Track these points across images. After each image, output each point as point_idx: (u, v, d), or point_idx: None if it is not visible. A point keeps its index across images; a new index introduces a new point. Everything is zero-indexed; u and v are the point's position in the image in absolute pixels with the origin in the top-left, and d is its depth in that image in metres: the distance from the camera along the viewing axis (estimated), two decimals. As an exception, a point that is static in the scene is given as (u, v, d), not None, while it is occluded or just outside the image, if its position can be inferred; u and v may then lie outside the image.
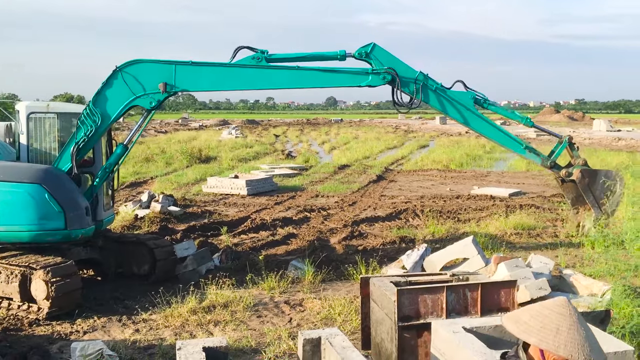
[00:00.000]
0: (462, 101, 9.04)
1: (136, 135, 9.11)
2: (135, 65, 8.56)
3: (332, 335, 4.48)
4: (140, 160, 27.28)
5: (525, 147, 9.14)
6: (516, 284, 5.80)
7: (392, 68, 8.70)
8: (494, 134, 9.18)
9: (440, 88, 8.95)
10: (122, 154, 8.94)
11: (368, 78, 8.74)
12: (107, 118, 8.63)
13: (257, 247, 11.38)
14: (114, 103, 8.62)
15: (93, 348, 6.25)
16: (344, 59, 8.99)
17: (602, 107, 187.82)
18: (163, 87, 8.48)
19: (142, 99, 8.60)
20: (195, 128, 64.77)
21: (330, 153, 35.28)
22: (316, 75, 8.81)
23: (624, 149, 35.73)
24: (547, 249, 11.22)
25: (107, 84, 8.58)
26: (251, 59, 8.67)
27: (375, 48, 8.77)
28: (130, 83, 8.53)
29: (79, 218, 8.40)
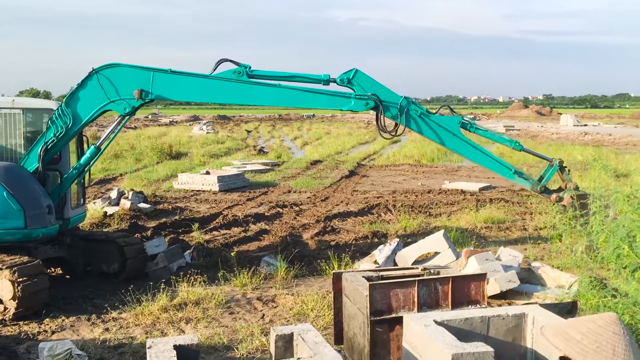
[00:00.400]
0: (448, 126, 8.81)
1: (109, 139, 8.93)
2: (112, 69, 8.37)
3: (305, 331, 4.47)
4: (109, 157, 26.84)
5: (514, 172, 8.95)
6: (486, 277, 5.88)
7: (375, 94, 8.54)
8: (483, 160, 9.02)
9: (425, 113, 8.74)
10: (93, 155, 8.77)
11: (351, 102, 8.57)
12: (79, 120, 8.43)
13: (229, 244, 11.31)
14: (87, 106, 8.42)
15: (61, 348, 6.14)
16: (328, 83, 8.81)
17: (569, 102, 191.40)
18: (138, 93, 8.27)
19: (116, 104, 8.40)
20: (165, 124, 64.03)
21: (303, 148, 35.27)
22: (298, 95, 8.63)
23: (590, 143, 36.48)
24: (517, 242, 11.40)
25: (82, 86, 8.39)
26: (232, 72, 8.48)
27: (357, 74, 8.62)
28: (105, 87, 8.33)
29: (39, 217, 8.22)
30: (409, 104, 8.64)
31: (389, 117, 8.61)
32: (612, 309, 5.32)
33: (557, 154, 27.96)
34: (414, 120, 8.65)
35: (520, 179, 8.94)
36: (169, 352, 4.00)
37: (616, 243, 5.10)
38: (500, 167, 8.96)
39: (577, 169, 21.53)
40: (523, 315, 4.73)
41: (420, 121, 8.66)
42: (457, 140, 8.80)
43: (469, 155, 8.97)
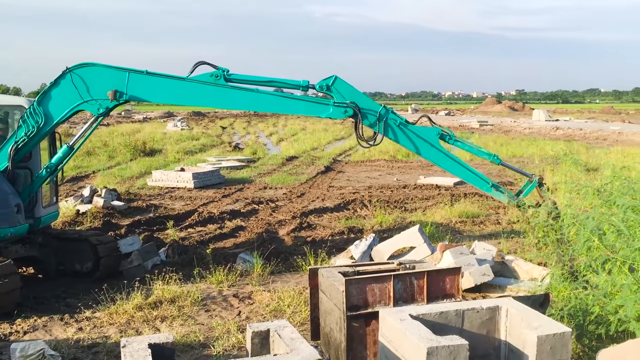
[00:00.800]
0: (426, 137, 8.72)
1: (82, 139, 8.77)
2: (86, 68, 8.20)
3: (281, 327, 4.47)
4: (82, 154, 26.40)
5: (491, 185, 8.80)
6: (460, 271, 5.94)
7: (354, 102, 8.44)
8: (461, 172, 8.91)
9: (403, 123, 8.66)
10: (66, 155, 8.61)
11: (329, 110, 8.46)
12: (51, 120, 8.26)
13: (204, 241, 11.25)
14: (60, 105, 8.25)
15: (34, 348, 6.04)
16: (307, 89, 8.74)
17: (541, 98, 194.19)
18: (112, 94, 8.10)
19: (90, 104, 8.23)
20: (139, 120, 63.31)
21: (278, 145, 35.20)
22: (276, 101, 8.55)
23: (562, 138, 37.10)
24: (490, 236, 11.55)
25: (55, 85, 8.21)
26: (209, 76, 8.34)
27: (337, 81, 8.52)
28: (79, 86, 8.15)
29: (7, 216, 8.08)
30: (388, 112, 8.58)
31: (366, 124, 8.53)
32: (583, 301, 5.43)
33: (529, 149, 28.40)
34: (392, 129, 8.59)
35: (497, 192, 8.80)
36: (143, 351, 3.97)
37: (586, 236, 5.19)
38: (478, 179, 8.86)
39: (549, 164, 21.89)
40: (497, 308, 4.80)
41: (398, 130, 8.60)
42: (434, 151, 8.72)
43: (446, 166, 8.85)
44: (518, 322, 4.59)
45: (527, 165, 22.10)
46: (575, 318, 5.42)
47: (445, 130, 8.82)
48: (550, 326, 4.38)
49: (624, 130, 40.98)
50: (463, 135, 40.90)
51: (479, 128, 48.48)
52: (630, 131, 39.48)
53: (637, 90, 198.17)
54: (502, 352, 4.79)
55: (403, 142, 8.69)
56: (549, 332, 4.28)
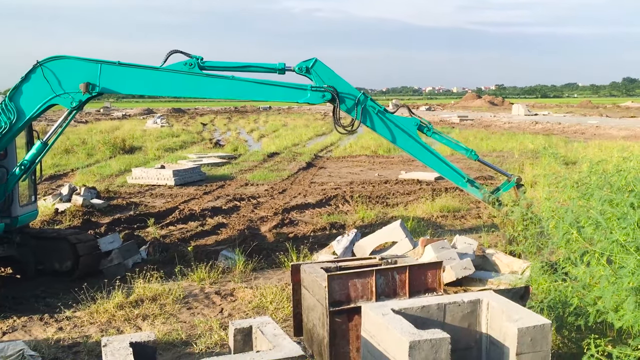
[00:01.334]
0: (405, 127, 8.63)
1: (56, 134, 8.62)
2: (57, 61, 8.06)
3: (263, 324, 4.46)
4: (60, 152, 26.12)
5: (467, 180, 8.80)
6: (442, 265, 5.98)
7: (333, 86, 8.39)
8: (437, 165, 8.85)
9: (382, 111, 8.61)
10: (40, 151, 8.46)
11: (307, 95, 8.39)
12: (23, 115, 8.11)
13: (185, 238, 11.18)
14: (31, 100, 8.10)
15: (13, 349, 5.97)
16: (283, 72, 8.61)
17: (520, 92, 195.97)
18: (85, 87, 7.98)
19: (62, 97, 8.09)
20: (118, 117, 62.68)
21: (259, 141, 35.10)
22: (253, 87, 8.40)
23: (541, 132, 37.50)
24: (471, 230, 11.64)
25: (26, 79, 8.06)
26: (183, 64, 8.25)
27: (317, 63, 8.46)
28: (50, 80, 8.01)
29: None
30: (367, 99, 8.54)
31: (344, 109, 8.50)
32: (563, 293, 5.49)
33: (509, 143, 28.64)
34: (369, 116, 8.56)
35: (472, 188, 8.79)
36: (125, 350, 3.93)
37: (565, 228, 5.25)
38: (454, 173, 8.82)
39: (529, 158, 22.11)
40: (478, 301, 4.84)
41: (376, 118, 8.57)
42: (412, 142, 8.68)
43: (422, 157, 8.82)
44: (499, 315, 4.63)
45: (507, 160, 22.30)
46: (554, 310, 5.48)
47: (423, 121, 8.79)
48: (530, 318, 4.43)
49: (601, 124, 41.54)
50: (444, 130, 41.14)
51: (460, 123, 48.81)
52: (607, 125, 40.03)
53: (614, 85, 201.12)
54: (483, 345, 4.84)
55: (380, 131, 8.64)
56: (529, 325, 4.32)
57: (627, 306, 4.48)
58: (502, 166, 20.52)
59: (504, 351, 4.48)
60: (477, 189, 8.81)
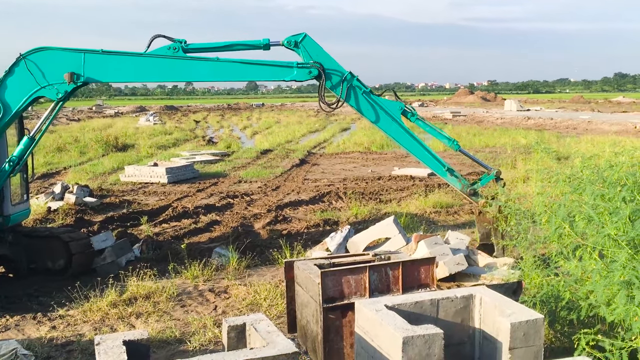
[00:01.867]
0: (389, 110, 8.58)
1: (44, 127, 8.53)
2: (40, 53, 8.00)
3: (257, 321, 4.46)
4: (52, 150, 26.01)
5: (447, 169, 8.71)
6: (435, 261, 5.99)
7: (320, 62, 8.31)
8: (418, 151, 8.73)
9: (367, 92, 8.55)
10: (28, 146, 8.40)
11: (293, 72, 8.30)
12: (9, 110, 8.05)
13: (179, 236, 11.16)
14: (17, 93, 8.03)
15: (6, 348, 5.93)
16: (268, 48, 8.52)
17: (512, 88, 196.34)
18: (69, 77, 7.91)
19: (47, 89, 8.03)
20: (110, 115, 62.44)
21: (253, 138, 35.05)
22: (238, 68, 8.32)
23: (533, 128, 37.63)
24: (465, 225, 11.67)
25: (10, 73, 7.99)
26: (167, 49, 8.19)
27: (306, 38, 8.36)
28: (34, 72, 7.95)
29: None
30: (353, 78, 8.45)
31: (328, 86, 8.37)
32: (555, 287, 5.52)
33: (501, 139, 28.73)
34: (355, 96, 8.45)
35: (452, 177, 8.71)
36: (118, 348, 3.92)
37: (557, 223, 5.27)
38: (434, 161, 8.73)
39: (521, 153, 22.18)
40: (471, 296, 4.85)
41: (361, 98, 8.49)
42: (395, 126, 8.61)
43: (404, 142, 8.72)
44: (492, 310, 4.65)
45: (500, 155, 22.36)
46: (547, 304, 5.51)
47: (408, 107, 8.75)
48: (523, 313, 4.45)
49: (593, 119, 41.71)
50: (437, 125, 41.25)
51: (452, 119, 48.90)
52: (599, 120, 40.20)
53: (605, 80, 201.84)
54: (476, 340, 4.86)
55: (365, 111, 8.57)
56: (522, 319, 4.35)
57: (619, 300, 4.50)
58: (495, 162, 20.58)
59: (497, 346, 4.50)
60: (456, 179, 8.74)
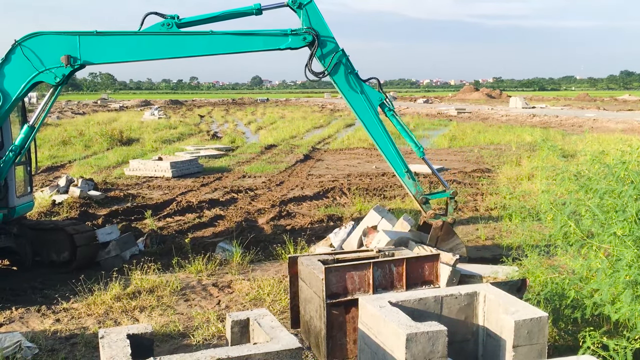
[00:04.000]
0: (370, 98, 8.55)
1: (43, 114, 8.51)
2: (35, 38, 8.01)
3: (261, 316, 4.46)
4: (57, 144, 26.07)
5: (406, 171, 8.68)
6: (439, 258, 5.99)
7: (314, 29, 8.21)
8: (385, 146, 8.71)
9: (355, 74, 8.48)
10: (28, 135, 8.40)
11: (288, 40, 8.19)
12: (9, 97, 8.07)
13: (183, 230, 11.18)
14: (15, 80, 8.05)
15: (10, 340, 5.97)
16: (260, 12, 8.43)
17: (518, 85, 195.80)
18: (66, 60, 7.92)
19: (45, 74, 8.05)
20: (115, 109, 62.56)
21: (257, 133, 35.04)
22: (232, 39, 8.26)
23: (538, 125, 37.50)
24: (468, 222, 11.65)
25: (6, 60, 8.01)
26: (161, 25, 8.17)
27: (311, 4, 8.25)
28: (31, 58, 7.96)
29: None
30: (345, 56, 8.39)
31: (318, 55, 8.28)
32: (559, 285, 5.51)
33: (506, 136, 28.66)
34: (341, 72, 8.38)
35: (409, 180, 8.70)
36: (122, 342, 3.93)
37: (563, 221, 5.25)
38: (397, 160, 8.71)
39: (526, 150, 22.13)
40: (475, 294, 4.84)
41: (347, 76, 8.42)
42: (370, 114, 8.56)
43: (374, 133, 8.66)
44: (496, 308, 4.64)
45: (505, 152, 22.30)
46: (551, 302, 5.50)
47: (387, 101, 8.71)
48: (527, 311, 4.44)
49: (598, 117, 41.56)
50: (441, 123, 41.17)
51: (457, 115, 48.79)
52: (605, 118, 40.05)
53: (611, 78, 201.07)
54: (480, 337, 4.85)
55: (347, 92, 8.49)
56: (526, 317, 4.34)
57: (624, 299, 4.49)
58: (500, 159, 20.55)
59: (500, 343, 4.49)
60: (413, 183, 8.73)
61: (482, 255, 9.34)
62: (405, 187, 8.86)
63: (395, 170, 8.86)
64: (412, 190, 8.73)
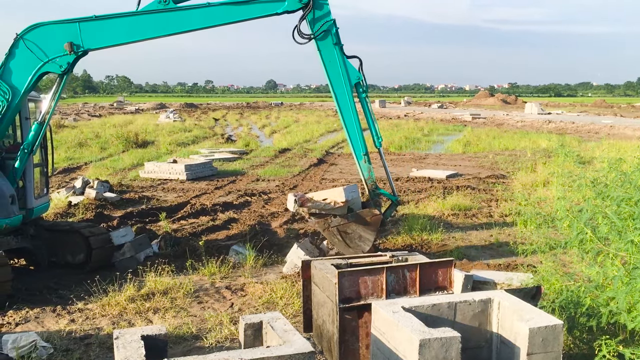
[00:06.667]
0: (350, 73, 8.68)
1: (52, 106, 8.59)
2: (36, 30, 8.11)
3: (274, 319, 4.47)
4: (74, 145, 26.35)
5: (364, 154, 8.88)
6: (453, 263, 5.95)
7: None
8: (351, 125, 8.84)
9: (341, 46, 8.59)
10: (38, 131, 8.50)
11: (285, 3, 8.29)
12: (18, 91, 8.19)
13: (197, 233, 11.22)
14: (21, 74, 8.16)
15: (26, 340, 6.03)
16: None
17: (533, 91, 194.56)
18: (69, 47, 8.02)
19: (50, 64, 8.15)
20: (131, 112, 63.04)
21: (271, 137, 35.13)
22: (230, 9, 8.32)
23: (554, 131, 37.21)
24: (482, 228, 11.58)
25: (11, 55, 8.12)
26: (157, 3, 8.26)
27: None
28: (34, 50, 8.07)
29: (3, 207, 8.05)
30: (335, 25, 8.48)
31: (309, 18, 8.39)
32: (575, 293, 5.46)
33: (521, 142, 28.47)
34: (328, 41, 8.49)
35: (364, 164, 8.89)
36: (136, 343, 3.96)
37: (579, 228, 5.21)
38: (358, 143, 8.87)
39: (542, 157, 21.96)
40: (489, 300, 4.81)
41: (332, 47, 8.54)
42: (344, 91, 8.69)
43: (344, 109, 8.78)
44: (510, 315, 4.61)
45: (520, 159, 22.15)
46: (566, 310, 5.45)
47: (364, 82, 8.83)
48: (541, 318, 4.40)
49: (615, 124, 41.15)
50: (456, 128, 41.00)
51: (472, 121, 48.57)
52: (622, 125, 39.65)
53: (629, 84, 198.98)
54: (494, 344, 4.82)
55: (328, 61, 8.59)
56: (541, 325, 4.30)
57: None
58: (515, 165, 20.43)
59: (514, 351, 4.46)
60: (368, 167, 8.92)
61: (497, 262, 9.27)
62: (359, 170, 9.05)
63: (354, 151, 9.01)
64: (365, 174, 8.95)
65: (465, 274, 7.06)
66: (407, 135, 32.87)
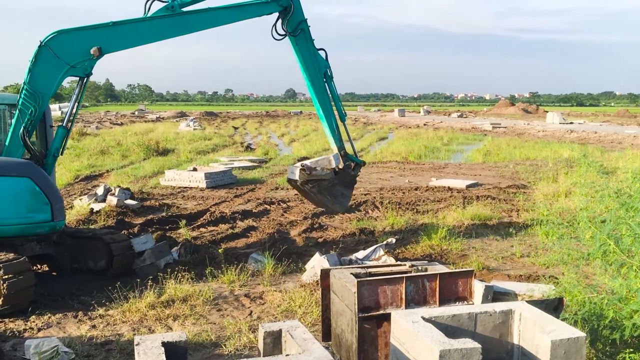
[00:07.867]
0: (319, 62, 10.18)
1: (74, 111, 8.92)
2: (58, 37, 8.40)
3: (293, 328, 4.47)
4: (96, 153, 26.68)
5: (336, 127, 10.56)
6: (473, 273, 5.91)
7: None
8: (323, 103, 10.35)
9: (312, 40, 10.03)
10: (63, 135, 8.79)
11: (271, 6, 9.73)
12: (47, 96, 8.52)
13: (216, 240, 11.29)
14: (48, 80, 8.46)
15: (48, 345, 6.10)
16: None
17: (555, 100, 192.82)
18: (97, 51, 8.51)
19: (75, 69, 8.54)
20: (152, 120, 63.70)
21: (290, 145, 35.23)
22: (230, 12, 9.62)
23: (576, 141, 36.78)
24: (503, 238, 11.48)
25: (37, 62, 8.35)
26: (166, 9, 9.04)
27: None
28: (60, 55, 8.40)
29: (61, 209, 8.45)
30: (306, 24, 9.95)
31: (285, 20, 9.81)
32: (598, 305, 5.38)
33: (543, 152, 28.20)
34: (302, 37, 9.97)
35: (336, 136, 10.58)
36: (157, 349, 3.98)
37: (602, 239, 5.14)
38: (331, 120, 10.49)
39: (563, 167, 21.73)
40: (510, 311, 4.76)
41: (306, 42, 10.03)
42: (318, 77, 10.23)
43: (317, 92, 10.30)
44: (531, 326, 4.56)
45: (541, 169, 21.94)
46: (589, 323, 5.38)
47: (330, 69, 10.36)
48: (564, 331, 4.34)
49: (639, 134, 40.58)
50: (476, 137, 40.76)
51: (492, 130, 48.25)
52: (645, 135, 39.07)
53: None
54: (515, 356, 4.76)
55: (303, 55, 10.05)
56: (563, 337, 4.24)
57: (665, 321, 4.36)
58: (536, 175, 20.25)
59: (536, 363, 4.40)
60: (338, 138, 10.59)
61: (517, 273, 9.18)
62: (331, 141, 10.71)
63: (328, 126, 10.55)
64: (337, 144, 10.63)
65: (485, 284, 7.00)
66: (426, 144, 32.73)
